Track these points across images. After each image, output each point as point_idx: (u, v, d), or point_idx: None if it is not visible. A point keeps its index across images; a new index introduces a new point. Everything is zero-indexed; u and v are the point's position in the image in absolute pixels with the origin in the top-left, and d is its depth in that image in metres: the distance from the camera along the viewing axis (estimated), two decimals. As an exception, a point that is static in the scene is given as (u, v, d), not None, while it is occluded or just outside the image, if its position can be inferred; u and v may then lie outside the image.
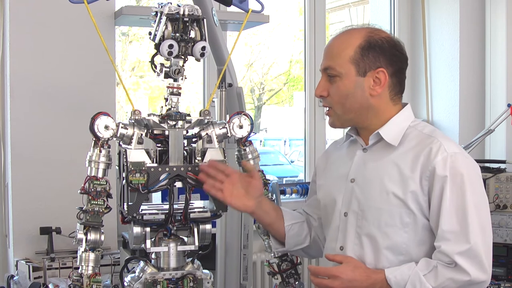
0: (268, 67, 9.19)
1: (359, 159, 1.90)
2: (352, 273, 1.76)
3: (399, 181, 1.78)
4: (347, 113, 1.86)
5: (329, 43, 1.92)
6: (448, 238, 1.72)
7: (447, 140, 1.82)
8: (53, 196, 3.07)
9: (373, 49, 1.84)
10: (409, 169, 1.78)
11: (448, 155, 1.76)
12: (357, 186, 1.87)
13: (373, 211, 1.81)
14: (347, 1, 9.70)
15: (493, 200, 3.33)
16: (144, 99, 7.92)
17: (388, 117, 1.88)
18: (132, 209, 1.86)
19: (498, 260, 3.31)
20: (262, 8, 2.12)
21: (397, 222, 1.78)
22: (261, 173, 2.08)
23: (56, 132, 3.10)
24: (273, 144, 10.35)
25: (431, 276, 1.72)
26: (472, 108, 4.20)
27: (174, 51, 1.86)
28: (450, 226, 1.73)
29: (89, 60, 3.14)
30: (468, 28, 4.17)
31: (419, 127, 1.88)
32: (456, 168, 1.75)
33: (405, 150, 1.82)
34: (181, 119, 1.91)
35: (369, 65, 1.84)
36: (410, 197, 1.76)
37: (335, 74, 1.84)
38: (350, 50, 1.84)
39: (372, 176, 1.84)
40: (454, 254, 1.71)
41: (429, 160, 1.76)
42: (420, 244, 1.79)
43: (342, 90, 1.84)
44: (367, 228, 1.82)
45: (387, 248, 1.79)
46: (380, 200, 1.80)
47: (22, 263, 2.91)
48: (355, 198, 1.86)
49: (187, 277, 1.92)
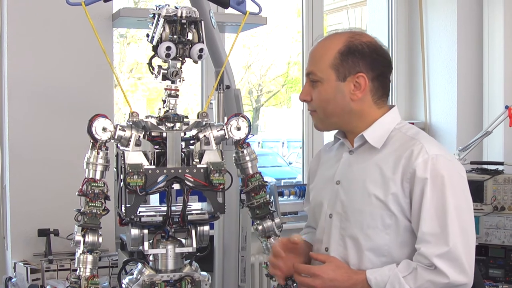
0: (266, 68, 9.18)
1: (345, 161, 1.91)
2: (333, 273, 1.78)
3: (381, 183, 1.79)
4: (329, 117, 1.88)
5: (313, 48, 1.93)
6: (428, 240, 1.73)
7: (429, 142, 1.82)
8: (51, 198, 3.07)
9: (352, 54, 1.84)
10: (390, 171, 1.78)
11: (429, 157, 1.76)
12: (342, 188, 1.88)
13: (355, 213, 1.82)
14: (345, 3, 9.70)
15: (491, 202, 3.34)
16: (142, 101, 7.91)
17: (373, 119, 1.88)
18: (130, 211, 1.86)
19: (496, 261, 3.32)
20: (260, 10, 2.12)
21: (379, 224, 1.78)
22: (259, 175, 2.08)
23: (54, 133, 3.10)
24: (271, 145, 10.34)
25: (411, 278, 1.72)
26: (470, 110, 4.20)
27: (171, 53, 1.86)
28: (430, 228, 1.73)
29: (87, 62, 3.14)
30: (466, 30, 4.17)
31: (403, 129, 1.88)
32: (437, 170, 1.75)
33: (388, 152, 1.83)
34: (179, 121, 1.91)
35: (349, 70, 1.84)
36: (391, 199, 1.77)
37: (317, 79, 1.86)
38: (330, 56, 1.85)
39: (356, 178, 1.85)
40: (433, 257, 1.71)
41: (410, 162, 1.76)
42: (402, 246, 1.80)
43: (323, 95, 1.86)
44: (350, 230, 1.83)
45: (370, 249, 1.80)
46: (362, 202, 1.81)
47: (20, 265, 2.91)
48: (339, 200, 1.87)
49: (185, 279, 1.92)
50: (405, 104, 4.46)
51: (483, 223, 3.34)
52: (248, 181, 2.07)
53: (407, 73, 4.46)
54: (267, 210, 2.10)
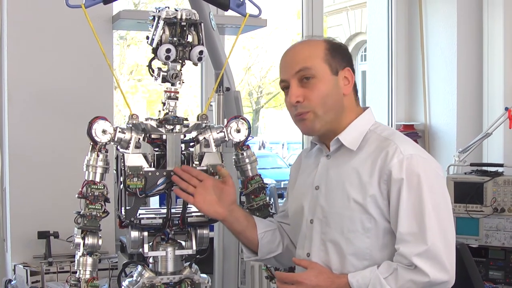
0: (266, 70, 9.19)
1: (322, 166, 1.89)
2: (316, 279, 1.77)
3: (359, 187, 1.78)
4: (328, 112, 1.83)
5: (290, 52, 1.89)
6: (407, 240, 1.72)
7: (403, 142, 1.80)
8: (51, 200, 3.07)
9: (337, 50, 1.86)
10: (367, 174, 1.77)
11: (404, 157, 1.74)
12: (321, 194, 1.86)
13: (335, 217, 1.80)
14: (344, 4, 9.71)
15: (490, 203, 3.33)
16: (142, 103, 7.92)
17: (349, 121, 1.87)
18: (129, 214, 1.86)
19: (496, 263, 3.32)
20: (260, 12, 2.12)
21: (359, 228, 1.77)
22: (259, 177, 2.08)
23: (54, 136, 3.10)
24: (271, 147, 10.36)
25: (392, 279, 1.71)
26: (469, 111, 4.21)
27: (171, 55, 1.86)
28: (409, 228, 1.72)
29: (87, 64, 3.14)
30: (466, 31, 4.18)
31: (378, 130, 1.86)
32: (412, 169, 1.74)
33: (365, 155, 1.81)
34: (179, 123, 1.91)
35: (339, 64, 1.85)
36: (369, 201, 1.76)
37: (312, 75, 1.82)
38: (320, 52, 1.84)
39: (334, 182, 1.83)
40: (412, 256, 1.70)
41: (385, 164, 1.75)
42: (383, 248, 1.79)
43: (322, 90, 1.82)
44: (331, 235, 1.81)
45: (352, 254, 1.79)
46: (341, 206, 1.79)
47: (19, 267, 2.91)
48: (319, 206, 1.85)
49: (185, 282, 1.92)
50: (405, 106, 4.46)
51: (483, 225, 3.33)
52: (248, 183, 2.07)
53: (406, 75, 4.46)
54: (267, 212, 2.10)
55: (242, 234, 1.99)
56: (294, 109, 1.84)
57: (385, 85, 4.44)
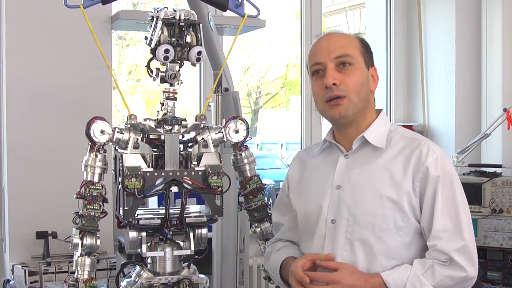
0: (265, 71, 9.20)
1: (342, 165, 1.89)
2: (351, 278, 1.76)
3: (392, 185, 1.80)
4: (361, 102, 1.87)
5: (328, 38, 1.92)
6: (442, 237, 1.76)
7: (431, 142, 1.87)
8: (49, 200, 3.07)
9: (368, 47, 1.94)
10: (401, 172, 1.80)
11: (437, 156, 1.81)
12: (345, 193, 1.85)
13: (366, 215, 1.81)
14: (343, 5, 9.71)
15: (489, 204, 3.33)
16: (141, 103, 7.91)
17: (371, 120, 1.91)
18: (128, 214, 1.86)
19: (494, 264, 3.32)
20: (258, 13, 2.12)
21: (391, 226, 1.79)
22: (257, 178, 2.08)
23: (52, 136, 3.10)
24: (270, 148, 10.35)
25: (429, 275, 1.74)
26: (468, 112, 4.21)
27: (170, 55, 1.86)
28: (443, 225, 1.76)
29: (85, 64, 3.14)
30: (464, 32, 4.18)
31: (399, 131, 1.92)
32: (445, 168, 1.80)
33: (392, 153, 1.84)
34: (177, 123, 1.91)
35: (369, 60, 1.92)
36: (405, 199, 1.78)
37: (351, 62, 1.86)
38: (357, 43, 1.90)
39: (361, 181, 1.84)
40: (451, 252, 1.74)
41: (420, 162, 1.79)
42: (410, 247, 1.81)
43: (359, 77, 1.86)
44: (360, 234, 1.81)
45: (382, 253, 1.79)
46: (373, 204, 1.80)
47: (18, 267, 2.91)
48: (344, 205, 1.84)
49: (183, 282, 1.92)
50: (404, 106, 4.46)
51: (481, 225, 3.33)
52: (246, 184, 2.07)
53: (405, 76, 4.46)
54: (265, 212, 2.10)
55: None
56: (327, 92, 1.85)
57: (384, 85, 4.44)
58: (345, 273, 1.77)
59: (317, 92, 1.89)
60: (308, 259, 1.83)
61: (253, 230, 2.14)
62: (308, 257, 1.85)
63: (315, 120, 4.03)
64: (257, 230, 2.12)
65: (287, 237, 2.06)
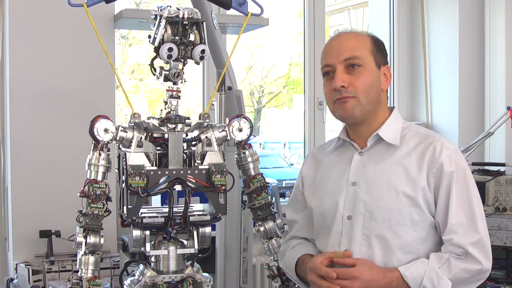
0: (268, 70, 9.19)
1: (357, 162, 1.92)
2: (370, 273, 1.78)
3: (407, 181, 1.83)
4: (370, 102, 1.89)
5: (338, 39, 1.93)
6: (457, 231, 1.79)
7: (444, 138, 1.90)
8: (53, 199, 3.07)
9: (380, 46, 1.94)
10: (416, 168, 1.83)
11: (451, 152, 1.84)
12: (360, 189, 1.88)
13: (383, 211, 1.83)
14: (346, 4, 9.71)
15: (492, 202, 3.33)
16: (143, 102, 7.91)
17: (383, 118, 1.94)
18: (131, 212, 1.85)
19: (497, 262, 3.31)
20: (262, 11, 2.12)
21: (407, 221, 1.82)
22: (261, 176, 2.08)
23: (56, 135, 3.10)
24: (273, 147, 10.34)
25: (445, 269, 1.77)
26: (471, 110, 4.20)
27: (173, 54, 1.86)
28: (458, 220, 1.80)
29: (88, 63, 3.15)
30: (468, 30, 4.17)
31: (412, 128, 1.95)
32: (459, 163, 1.84)
33: (406, 150, 1.87)
34: (181, 122, 1.91)
35: (381, 59, 1.92)
36: (420, 194, 1.81)
37: (360, 64, 1.87)
38: (368, 43, 1.91)
39: (377, 177, 1.87)
40: (467, 245, 1.77)
41: (434, 158, 1.82)
42: (425, 241, 1.84)
43: (368, 79, 1.87)
44: (377, 229, 1.84)
45: (398, 247, 1.82)
46: (389, 199, 1.83)
47: (21, 266, 2.91)
48: (360, 201, 1.87)
49: (186, 280, 1.92)
50: (407, 105, 4.46)
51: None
52: (250, 182, 2.07)
53: (408, 74, 4.46)
54: (268, 211, 2.10)
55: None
56: (336, 94, 1.88)
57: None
58: (364, 268, 1.79)
59: (327, 93, 1.93)
60: (326, 257, 1.86)
61: (257, 229, 2.14)
62: (326, 255, 1.87)
63: (318, 119, 4.03)
64: (261, 228, 2.12)
65: (302, 234, 2.09)
